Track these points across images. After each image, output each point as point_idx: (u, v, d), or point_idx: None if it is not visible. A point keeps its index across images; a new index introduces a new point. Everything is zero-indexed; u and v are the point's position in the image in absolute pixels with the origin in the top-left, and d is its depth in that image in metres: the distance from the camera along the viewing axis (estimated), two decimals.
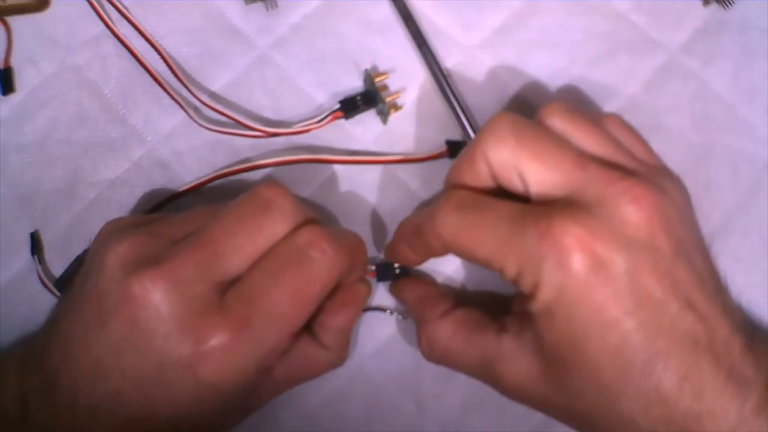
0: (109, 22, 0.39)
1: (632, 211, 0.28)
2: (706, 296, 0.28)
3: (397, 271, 0.37)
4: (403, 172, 0.39)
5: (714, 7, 0.40)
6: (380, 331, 0.37)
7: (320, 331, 0.34)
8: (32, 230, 0.38)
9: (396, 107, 0.39)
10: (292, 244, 0.30)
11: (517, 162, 0.29)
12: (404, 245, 0.34)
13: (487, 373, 0.32)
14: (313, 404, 0.37)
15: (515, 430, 0.36)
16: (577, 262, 0.27)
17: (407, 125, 0.39)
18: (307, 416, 0.37)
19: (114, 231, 0.32)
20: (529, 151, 0.29)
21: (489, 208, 0.30)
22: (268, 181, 0.37)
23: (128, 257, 0.30)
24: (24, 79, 0.40)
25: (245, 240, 0.30)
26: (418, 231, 0.32)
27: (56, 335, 0.31)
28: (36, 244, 0.38)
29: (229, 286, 0.30)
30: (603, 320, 0.27)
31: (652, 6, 0.40)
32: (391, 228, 0.38)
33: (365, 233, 0.38)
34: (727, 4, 0.40)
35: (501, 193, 0.31)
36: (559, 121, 0.31)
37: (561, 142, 0.30)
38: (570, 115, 0.31)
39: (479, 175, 0.31)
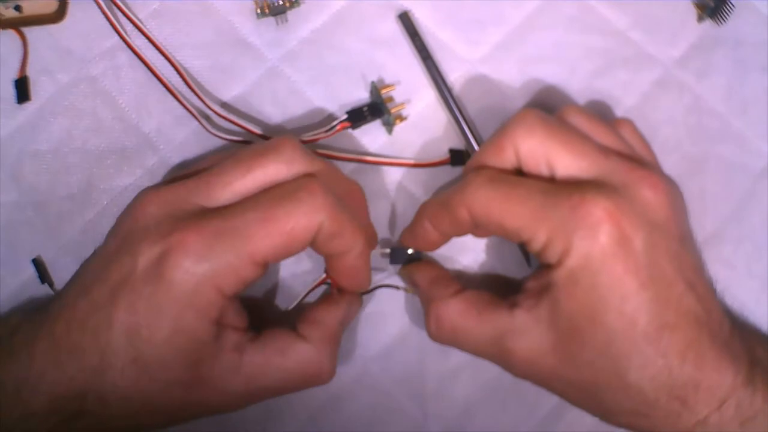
0: (124, 35, 0.41)
1: (651, 195, 0.31)
2: (703, 282, 0.31)
3: (410, 252, 0.38)
4: (408, 179, 0.40)
5: (708, 23, 0.42)
6: (383, 333, 0.38)
7: (300, 322, 0.35)
8: (34, 253, 0.39)
9: (401, 118, 0.40)
10: (286, 185, 0.32)
11: (546, 150, 0.32)
12: (427, 223, 0.35)
13: (497, 350, 0.33)
14: (317, 405, 0.38)
15: (517, 429, 0.37)
16: (606, 233, 0.29)
17: (411, 135, 0.41)
18: (311, 417, 0.37)
19: None
20: (558, 140, 0.32)
21: (520, 183, 0.32)
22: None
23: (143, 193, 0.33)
24: (40, 88, 0.41)
25: (236, 178, 0.32)
26: (445, 206, 0.33)
27: (72, 277, 0.34)
28: (42, 271, 0.39)
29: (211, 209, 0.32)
30: (622, 291, 0.29)
31: (649, 23, 0.42)
32: (397, 234, 0.39)
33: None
34: (721, 21, 0.41)
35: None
36: (578, 120, 0.33)
37: (584, 135, 0.33)
38: (587, 116, 0.34)
39: (504, 161, 0.33)
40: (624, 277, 0.29)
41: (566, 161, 0.31)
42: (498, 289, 0.35)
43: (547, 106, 0.41)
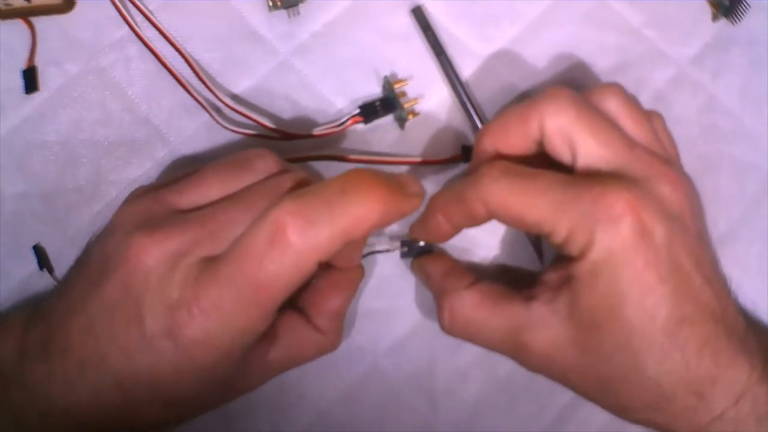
0: (134, 26, 0.40)
1: (669, 191, 0.30)
2: (719, 278, 0.31)
3: (421, 245, 0.37)
4: (419, 175, 0.39)
5: (722, 22, 0.42)
6: (394, 329, 0.38)
7: (314, 314, 0.34)
8: (37, 242, 0.39)
9: (414, 113, 0.40)
10: (262, 225, 0.29)
11: (573, 132, 0.31)
12: (439, 216, 0.34)
13: (512, 343, 0.32)
14: (327, 402, 0.37)
15: (528, 428, 0.37)
16: (627, 226, 0.29)
17: (423, 131, 0.40)
18: (321, 414, 0.37)
19: (131, 197, 0.34)
20: (587, 125, 0.31)
21: (537, 174, 0.31)
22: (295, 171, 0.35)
23: (132, 220, 0.32)
24: (48, 79, 0.41)
25: (245, 224, 0.30)
26: (459, 198, 0.32)
27: (64, 291, 0.33)
28: (42, 258, 0.38)
29: (211, 261, 0.30)
30: (642, 284, 0.29)
31: (663, 21, 0.42)
32: (406, 227, 0.39)
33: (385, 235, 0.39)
34: (735, 19, 0.41)
35: (536, 160, 0.33)
36: (613, 103, 0.33)
37: (612, 123, 0.32)
38: (624, 100, 0.33)
39: (526, 135, 0.32)
40: (645, 270, 0.29)
41: (590, 147, 0.31)
42: (511, 281, 0.35)
43: None
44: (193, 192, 0.33)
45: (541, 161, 0.33)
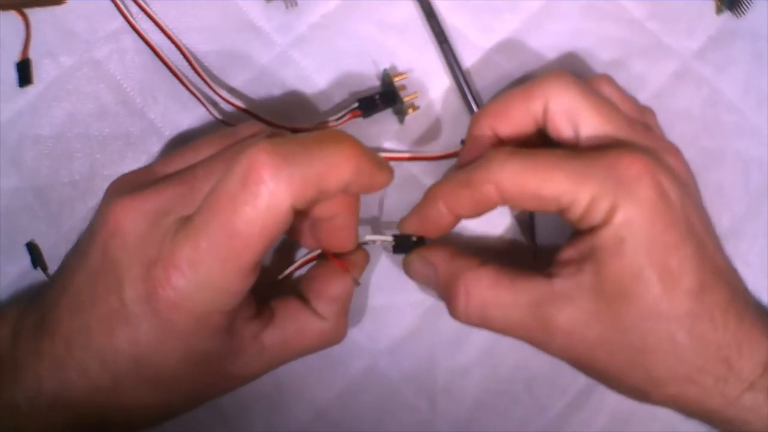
0: (129, 17, 0.40)
1: (675, 162, 0.31)
2: (723, 249, 0.33)
3: (414, 240, 0.35)
4: (419, 170, 0.39)
5: (726, 15, 0.41)
6: (393, 327, 0.38)
7: (314, 298, 0.34)
8: (30, 238, 0.38)
9: (414, 107, 0.39)
10: (235, 166, 0.28)
11: (577, 111, 0.31)
12: (441, 206, 0.32)
13: (535, 321, 0.31)
14: (326, 400, 0.37)
15: (528, 427, 0.37)
16: (648, 186, 0.29)
17: (423, 125, 0.40)
18: (319, 412, 0.37)
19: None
20: (589, 103, 0.32)
21: (546, 152, 0.31)
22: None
23: (118, 189, 0.32)
24: (42, 71, 0.40)
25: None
26: (466, 185, 0.31)
27: (58, 273, 0.33)
28: (36, 255, 0.38)
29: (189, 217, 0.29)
30: (666, 244, 0.29)
31: (666, 13, 0.41)
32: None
33: (380, 231, 0.38)
34: (740, 12, 0.40)
35: (532, 143, 0.33)
36: (609, 91, 0.34)
37: (612, 103, 0.33)
38: (618, 89, 0.34)
39: (529, 114, 0.33)
40: (668, 230, 0.29)
41: (594, 123, 0.31)
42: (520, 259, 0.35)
43: None
44: (181, 160, 0.33)
45: (538, 144, 0.33)
